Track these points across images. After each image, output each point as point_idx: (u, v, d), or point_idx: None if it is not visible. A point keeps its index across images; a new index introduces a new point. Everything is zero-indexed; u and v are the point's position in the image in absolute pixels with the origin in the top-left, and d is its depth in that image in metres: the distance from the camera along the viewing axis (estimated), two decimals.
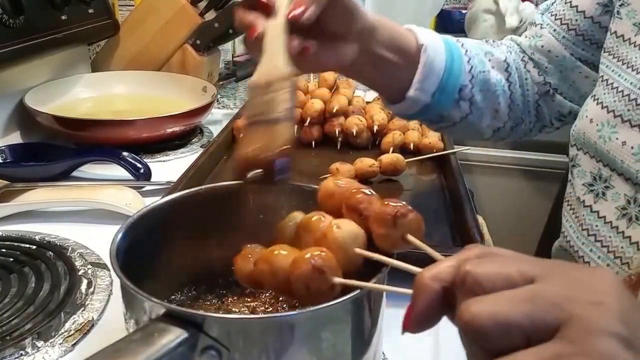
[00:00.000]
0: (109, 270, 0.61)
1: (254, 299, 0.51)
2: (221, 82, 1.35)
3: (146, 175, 0.81)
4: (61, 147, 0.89)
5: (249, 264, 0.42)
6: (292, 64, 0.48)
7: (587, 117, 0.63)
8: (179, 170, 0.78)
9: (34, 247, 0.64)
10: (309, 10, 0.50)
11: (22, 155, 0.87)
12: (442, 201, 0.80)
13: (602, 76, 0.63)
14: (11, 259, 0.61)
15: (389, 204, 0.40)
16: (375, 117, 0.93)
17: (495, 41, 0.77)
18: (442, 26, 1.97)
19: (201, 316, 0.35)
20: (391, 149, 0.88)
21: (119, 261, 0.40)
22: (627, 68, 0.59)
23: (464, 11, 2.00)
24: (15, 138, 0.95)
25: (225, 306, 0.51)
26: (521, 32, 0.82)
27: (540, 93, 0.74)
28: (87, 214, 0.73)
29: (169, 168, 0.89)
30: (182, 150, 0.97)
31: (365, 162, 0.82)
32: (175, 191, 0.57)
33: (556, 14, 0.72)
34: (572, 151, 0.67)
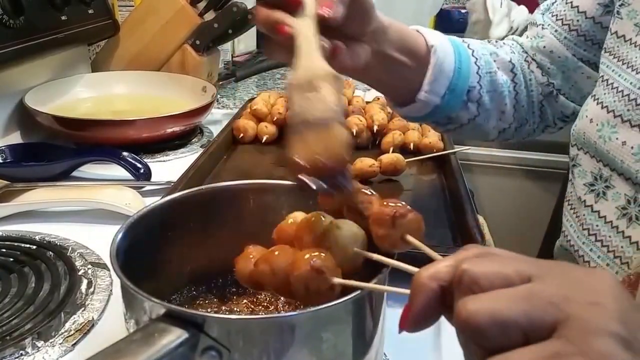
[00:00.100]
0: (109, 270, 0.61)
1: (254, 299, 0.51)
2: (221, 82, 1.35)
3: (146, 175, 0.81)
4: (61, 147, 0.89)
5: (249, 264, 0.42)
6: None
7: (587, 117, 0.63)
8: (179, 170, 0.78)
9: (34, 247, 0.64)
10: (338, 9, 0.48)
11: (22, 155, 0.87)
12: (443, 201, 0.79)
13: (602, 76, 0.63)
14: (11, 259, 0.61)
15: (388, 204, 0.40)
16: (375, 117, 0.93)
17: (498, 41, 0.77)
18: (442, 26, 1.96)
19: (202, 316, 0.35)
20: (391, 148, 0.88)
21: (119, 261, 0.40)
22: (627, 68, 0.59)
23: (463, 11, 2.00)
24: (15, 138, 0.95)
25: (225, 306, 0.51)
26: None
27: (544, 94, 0.74)
28: (87, 214, 0.73)
29: (169, 168, 0.89)
30: (182, 150, 0.97)
31: (365, 162, 0.82)
32: (175, 191, 0.57)
33: (557, 15, 0.72)
34: (572, 151, 0.67)
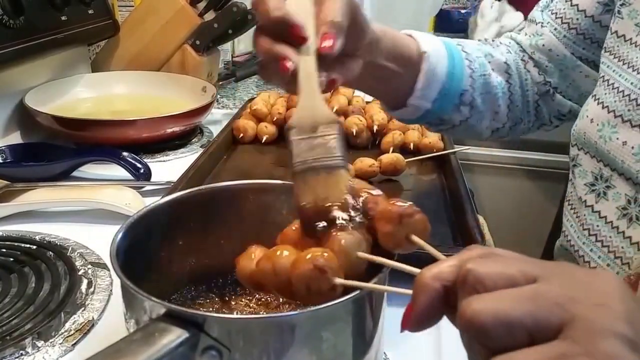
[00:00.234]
0: (109, 270, 0.61)
1: (254, 298, 0.51)
2: (221, 82, 1.35)
3: (146, 175, 0.81)
4: (61, 147, 0.89)
5: (251, 264, 0.42)
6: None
7: (588, 117, 0.63)
8: (179, 170, 0.78)
9: (34, 247, 0.64)
10: (337, 42, 0.48)
11: (22, 155, 0.87)
12: (443, 201, 0.79)
13: (602, 76, 0.63)
14: (11, 259, 0.61)
15: (395, 203, 0.40)
16: (375, 116, 0.93)
17: (495, 40, 0.77)
18: (442, 26, 1.96)
19: (202, 316, 0.35)
20: (391, 148, 0.88)
21: (119, 261, 0.40)
22: (628, 68, 0.59)
23: (463, 11, 2.00)
24: (16, 138, 0.95)
25: (225, 306, 0.51)
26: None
27: (539, 93, 0.74)
28: (87, 214, 0.73)
29: (169, 168, 0.89)
30: (182, 150, 0.97)
31: (365, 162, 0.82)
32: (175, 191, 0.57)
33: (557, 13, 0.72)
34: (572, 151, 0.67)
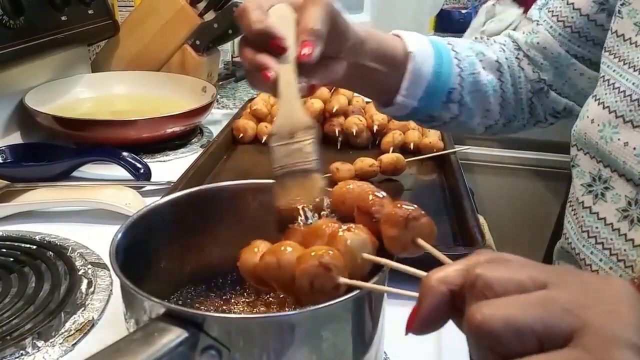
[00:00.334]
0: (109, 270, 0.61)
1: (254, 298, 0.51)
2: (221, 82, 1.35)
3: (146, 175, 0.81)
4: (61, 147, 0.89)
5: (254, 257, 0.42)
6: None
7: (589, 117, 0.62)
8: (179, 170, 0.79)
9: (34, 247, 0.64)
10: (316, 50, 0.50)
11: (22, 155, 0.87)
12: (443, 201, 0.79)
13: (603, 76, 0.63)
14: (11, 259, 0.61)
15: (401, 206, 0.40)
16: (375, 116, 0.93)
17: (490, 39, 0.78)
18: (442, 26, 1.96)
19: (201, 316, 0.35)
20: (391, 148, 0.88)
21: (118, 261, 0.40)
22: (629, 68, 0.59)
23: (463, 11, 2.00)
24: (16, 138, 0.95)
25: (225, 306, 0.51)
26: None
27: (533, 90, 0.75)
28: (87, 214, 0.73)
29: (169, 168, 0.89)
30: (182, 150, 0.97)
31: (366, 162, 0.82)
32: (175, 191, 0.57)
33: (553, 11, 0.72)
34: (572, 151, 0.66)
